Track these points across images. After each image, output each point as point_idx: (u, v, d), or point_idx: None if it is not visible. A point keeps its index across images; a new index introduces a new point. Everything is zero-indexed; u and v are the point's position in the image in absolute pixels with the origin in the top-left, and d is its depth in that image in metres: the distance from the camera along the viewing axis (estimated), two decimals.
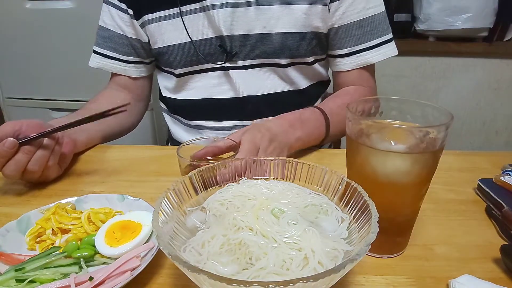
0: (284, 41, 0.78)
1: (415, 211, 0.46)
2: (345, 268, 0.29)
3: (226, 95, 0.84)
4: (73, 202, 0.53)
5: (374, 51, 0.81)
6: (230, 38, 0.78)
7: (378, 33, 0.80)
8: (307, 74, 0.86)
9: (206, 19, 0.78)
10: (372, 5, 0.79)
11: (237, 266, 0.34)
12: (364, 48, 0.81)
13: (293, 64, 0.82)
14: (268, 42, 0.78)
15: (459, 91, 1.90)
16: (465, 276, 0.40)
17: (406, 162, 0.42)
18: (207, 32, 0.79)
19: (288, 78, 0.84)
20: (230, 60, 0.80)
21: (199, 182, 0.45)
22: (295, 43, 0.79)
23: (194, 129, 0.89)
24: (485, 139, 2.01)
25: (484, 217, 0.55)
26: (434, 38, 1.77)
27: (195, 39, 0.78)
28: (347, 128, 0.45)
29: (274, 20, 0.77)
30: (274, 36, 0.78)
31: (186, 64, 0.82)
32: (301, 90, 0.86)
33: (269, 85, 0.83)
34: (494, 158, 0.72)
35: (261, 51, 0.79)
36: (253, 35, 0.78)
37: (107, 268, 0.41)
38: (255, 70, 0.81)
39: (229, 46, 0.79)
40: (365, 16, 0.79)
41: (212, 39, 0.79)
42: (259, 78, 0.82)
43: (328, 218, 0.42)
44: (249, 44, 0.79)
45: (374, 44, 0.80)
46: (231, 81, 0.82)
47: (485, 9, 1.65)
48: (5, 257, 0.44)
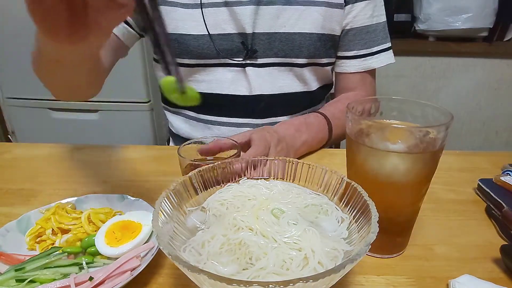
0: (302, 41, 0.80)
1: (415, 211, 0.46)
2: (345, 268, 0.29)
3: (240, 91, 0.83)
4: (73, 202, 0.53)
5: (375, 57, 0.85)
6: (251, 36, 0.78)
7: (378, 41, 0.85)
8: (318, 76, 0.88)
9: (229, 14, 0.77)
10: (377, 14, 0.84)
11: (237, 266, 0.34)
12: (367, 53, 0.85)
13: (309, 65, 0.84)
14: (287, 41, 0.79)
15: (459, 91, 1.90)
16: (465, 276, 0.40)
17: (406, 162, 0.42)
18: (228, 27, 0.78)
19: (302, 79, 0.85)
20: (249, 58, 0.80)
21: (199, 182, 0.45)
22: (312, 44, 0.80)
23: (202, 123, 0.88)
24: (485, 139, 2.01)
25: (484, 217, 0.55)
26: (434, 38, 1.78)
27: (213, 33, 0.78)
28: (347, 128, 0.45)
29: (293, 19, 0.78)
30: (293, 35, 0.79)
31: (199, 56, 0.81)
32: (311, 91, 0.88)
33: (283, 85, 0.84)
34: (494, 158, 0.72)
35: (280, 49, 0.80)
36: (273, 33, 0.79)
37: (107, 268, 0.41)
38: (272, 69, 0.82)
39: (250, 44, 0.79)
40: (372, 23, 0.83)
41: (233, 35, 0.79)
42: (275, 77, 0.83)
43: (328, 218, 0.42)
44: (268, 42, 0.79)
45: (375, 50, 0.85)
46: (247, 78, 0.82)
47: (485, 9, 1.65)
48: (5, 257, 0.44)
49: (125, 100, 1.62)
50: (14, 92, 1.68)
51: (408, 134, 0.41)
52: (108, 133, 1.68)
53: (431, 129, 0.40)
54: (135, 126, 1.67)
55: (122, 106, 1.63)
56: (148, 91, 1.61)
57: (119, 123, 1.67)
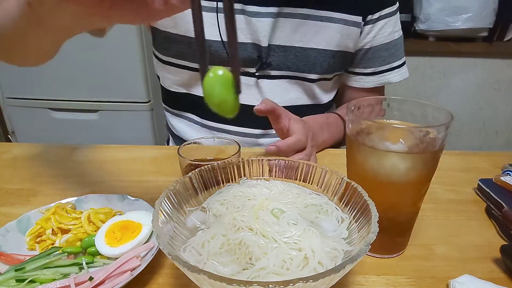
0: (317, 57, 0.79)
1: (415, 211, 0.46)
2: (345, 268, 0.29)
3: (249, 101, 0.81)
4: (73, 202, 0.53)
5: (395, 71, 0.86)
6: (267, 48, 0.77)
7: (399, 55, 0.85)
8: (326, 90, 0.88)
9: (246, 23, 0.75)
10: (397, 29, 0.84)
11: (237, 266, 0.34)
12: (387, 68, 0.85)
13: (320, 80, 0.84)
14: (301, 56, 0.79)
15: (459, 91, 1.90)
16: (465, 276, 0.40)
17: (406, 162, 0.42)
18: (243, 37, 0.76)
19: (311, 93, 0.85)
20: (263, 70, 0.79)
21: (199, 182, 0.45)
22: (326, 60, 0.80)
23: (206, 129, 0.87)
24: (485, 139, 2.01)
25: (484, 217, 0.55)
26: (434, 38, 1.78)
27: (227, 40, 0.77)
28: (347, 128, 0.45)
29: (310, 35, 0.77)
30: (308, 50, 0.78)
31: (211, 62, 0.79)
32: (321, 104, 0.88)
33: (292, 98, 0.83)
34: (494, 158, 0.72)
35: (293, 63, 0.79)
36: (288, 47, 0.78)
37: (107, 268, 0.41)
38: (282, 81, 0.81)
39: (265, 57, 0.78)
40: (392, 39, 0.83)
41: (247, 45, 0.77)
42: (285, 90, 0.82)
43: (328, 218, 0.42)
44: (283, 55, 0.78)
45: (396, 65, 0.85)
46: (259, 89, 0.81)
47: (485, 9, 1.65)
48: (5, 257, 0.44)
49: (125, 100, 1.62)
50: (14, 92, 1.68)
51: (408, 134, 0.41)
52: (108, 133, 1.68)
53: (431, 129, 0.40)
54: (135, 126, 1.67)
55: (122, 106, 1.63)
56: (148, 91, 1.61)
57: (119, 123, 1.67)
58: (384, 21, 0.81)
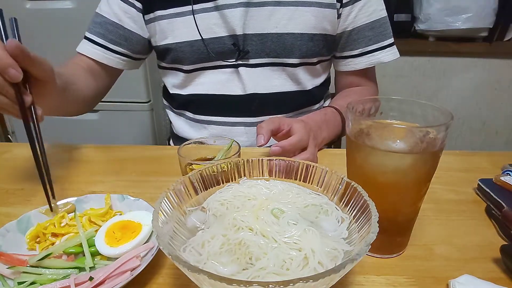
0: (294, 41, 0.80)
1: (415, 211, 0.46)
2: (345, 268, 0.29)
3: (234, 91, 0.84)
4: (73, 202, 0.53)
5: (386, 51, 0.85)
6: (243, 37, 0.79)
7: (388, 35, 0.85)
8: (312, 75, 0.88)
9: (219, 18, 0.79)
10: (381, 8, 0.83)
11: (237, 266, 0.34)
12: (376, 48, 0.85)
13: (302, 65, 0.84)
14: (279, 42, 0.80)
15: (459, 91, 1.90)
16: (465, 276, 0.40)
17: (406, 162, 0.42)
18: (219, 30, 0.79)
19: (295, 78, 0.86)
20: (241, 58, 0.81)
21: (199, 182, 0.45)
22: (304, 44, 0.81)
23: (199, 123, 0.90)
24: (485, 139, 2.01)
25: (484, 217, 0.55)
26: (434, 38, 1.77)
27: (206, 37, 0.79)
28: (347, 128, 0.45)
29: (285, 20, 0.79)
30: (284, 36, 0.80)
31: (196, 61, 0.83)
32: (306, 90, 0.88)
33: (277, 84, 0.84)
34: (494, 158, 0.72)
35: (272, 50, 0.81)
36: (265, 34, 0.79)
37: (107, 268, 0.41)
38: (264, 69, 0.83)
39: (242, 45, 0.80)
40: (377, 17, 0.83)
41: (224, 38, 0.80)
42: (268, 77, 0.83)
43: (328, 218, 0.42)
44: (260, 43, 0.80)
45: (386, 44, 0.85)
46: (240, 78, 0.83)
47: (485, 9, 1.65)
48: (5, 257, 0.43)
49: (125, 100, 1.62)
50: None
51: (408, 134, 0.41)
52: (108, 133, 1.68)
53: (431, 129, 0.40)
54: (135, 126, 1.67)
55: (122, 106, 1.63)
56: (148, 91, 1.61)
57: (119, 123, 1.67)
58: (363, 1, 0.81)
